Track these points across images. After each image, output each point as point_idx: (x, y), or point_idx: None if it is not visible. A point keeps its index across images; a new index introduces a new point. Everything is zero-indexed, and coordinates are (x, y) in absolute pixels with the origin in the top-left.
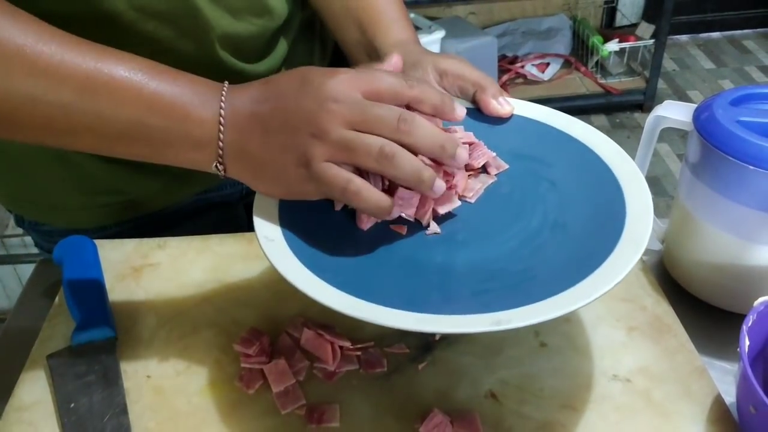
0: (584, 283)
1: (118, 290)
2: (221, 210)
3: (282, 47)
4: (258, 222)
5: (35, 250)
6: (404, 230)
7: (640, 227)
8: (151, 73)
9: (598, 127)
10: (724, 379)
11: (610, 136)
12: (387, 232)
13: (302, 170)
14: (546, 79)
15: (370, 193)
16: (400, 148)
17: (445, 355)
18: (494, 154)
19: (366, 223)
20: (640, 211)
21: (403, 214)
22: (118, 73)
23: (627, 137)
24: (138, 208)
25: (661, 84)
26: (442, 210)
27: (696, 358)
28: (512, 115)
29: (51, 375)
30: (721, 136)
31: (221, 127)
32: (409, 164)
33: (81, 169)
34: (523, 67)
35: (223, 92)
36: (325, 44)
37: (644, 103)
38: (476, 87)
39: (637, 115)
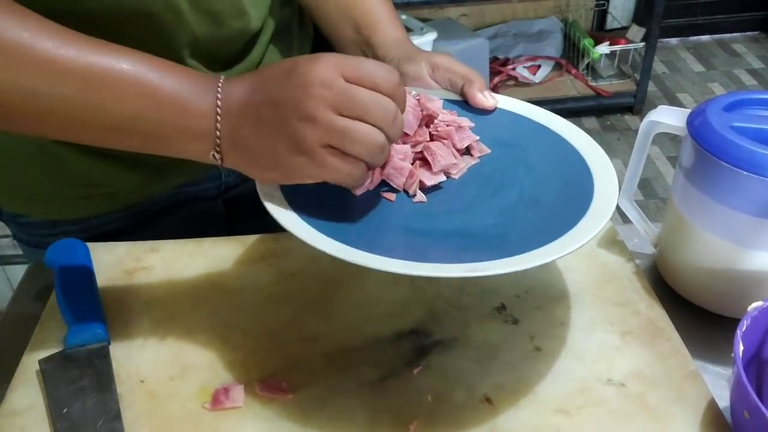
0: (553, 245)
1: (110, 294)
2: (200, 204)
3: (257, 51)
4: (259, 184)
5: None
6: (393, 197)
7: (606, 203)
8: (150, 66)
9: (588, 130)
10: (718, 383)
11: (600, 139)
12: (377, 199)
13: (298, 157)
14: (537, 81)
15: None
16: (386, 142)
17: (440, 360)
18: (477, 137)
19: (359, 191)
20: (607, 191)
21: (393, 184)
22: (118, 66)
23: (617, 139)
24: (117, 200)
25: (651, 86)
26: (429, 182)
27: (689, 363)
28: (496, 108)
29: (43, 379)
30: (714, 141)
31: (218, 118)
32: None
33: (60, 161)
34: (514, 69)
35: (219, 84)
36: (302, 45)
37: (634, 105)
38: (464, 80)
39: (627, 117)
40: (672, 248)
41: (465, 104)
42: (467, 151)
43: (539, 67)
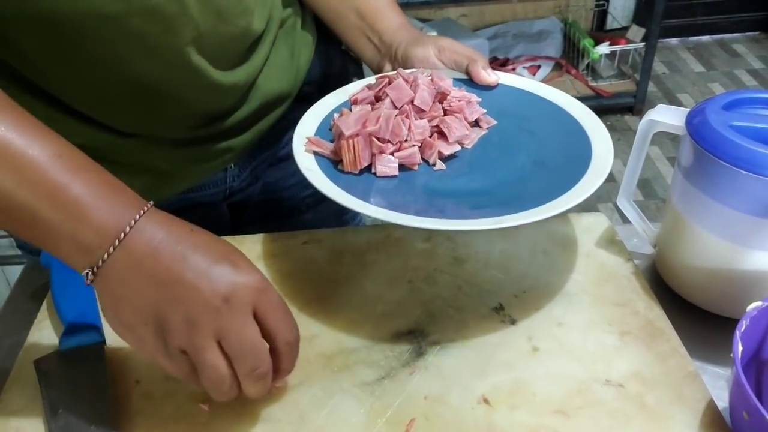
0: (561, 198)
1: None
2: (204, 209)
3: (261, 54)
4: (298, 157)
5: None
6: (416, 167)
7: (603, 162)
8: (67, 163)
9: None
10: (717, 383)
11: None
12: (402, 168)
13: (154, 339)
14: (537, 81)
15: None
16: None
17: (438, 361)
18: (485, 111)
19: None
20: (603, 152)
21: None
22: (31, 152)
23: (617, 140)
24: None
25: (651, 87)
26: (446, 152)
27: (688, 363)
28: (499, 84)
29: (39, 380)
30: (713, 140)
31: (117, 242)
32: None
33: None
34: (514, 69)
35: (144, 209)
36: (305, 48)
37: (634, 105)
38: (468, 60)
39: (627, 117)
40: (671, 248)
41: (469, 82)
42: (476, 124)
43: (539, 67)
